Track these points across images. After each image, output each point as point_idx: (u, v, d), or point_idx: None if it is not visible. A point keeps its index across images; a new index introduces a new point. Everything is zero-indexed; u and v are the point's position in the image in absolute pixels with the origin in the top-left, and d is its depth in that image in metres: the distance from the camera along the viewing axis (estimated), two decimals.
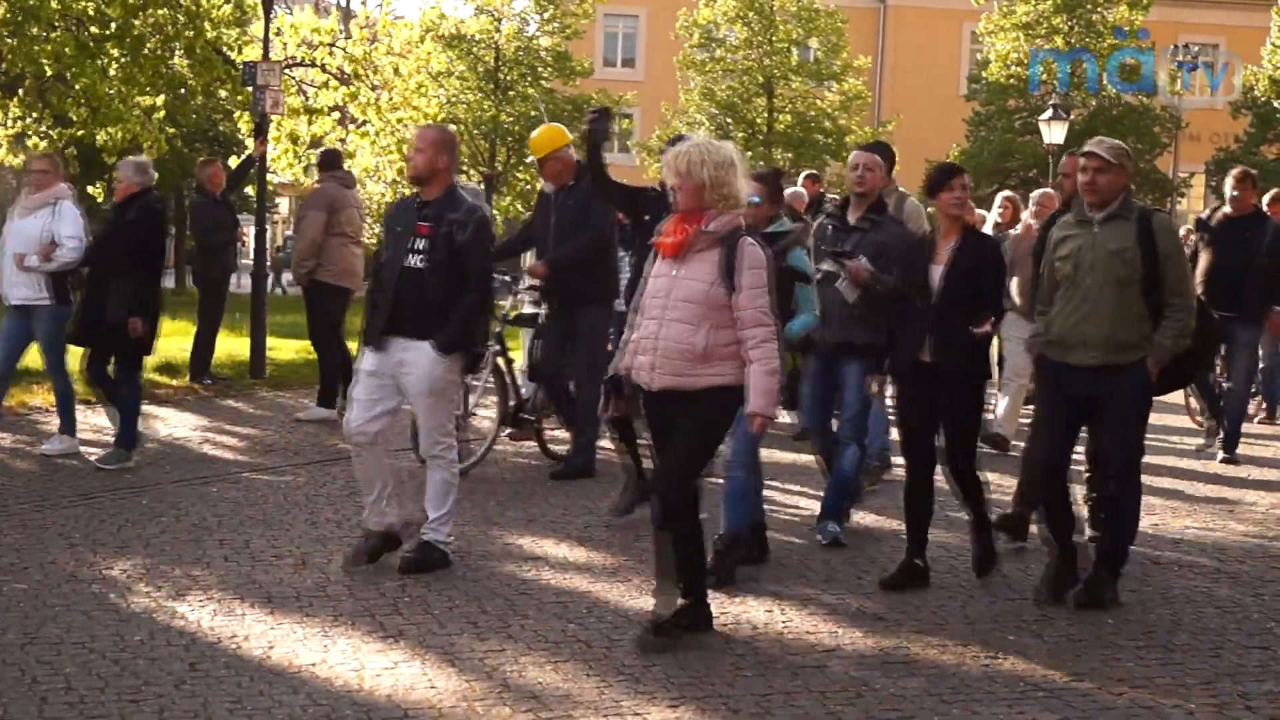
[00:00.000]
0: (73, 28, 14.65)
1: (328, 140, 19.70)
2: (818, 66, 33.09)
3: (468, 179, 29.01)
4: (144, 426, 9.50)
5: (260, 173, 14.89)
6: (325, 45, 18.48)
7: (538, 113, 25.06)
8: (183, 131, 20.40)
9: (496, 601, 6.04)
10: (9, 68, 15.03)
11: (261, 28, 15.94)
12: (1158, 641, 5.77)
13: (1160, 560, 7.15)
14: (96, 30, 14.90)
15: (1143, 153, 32.87)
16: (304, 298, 11.65)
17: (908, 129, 32.52)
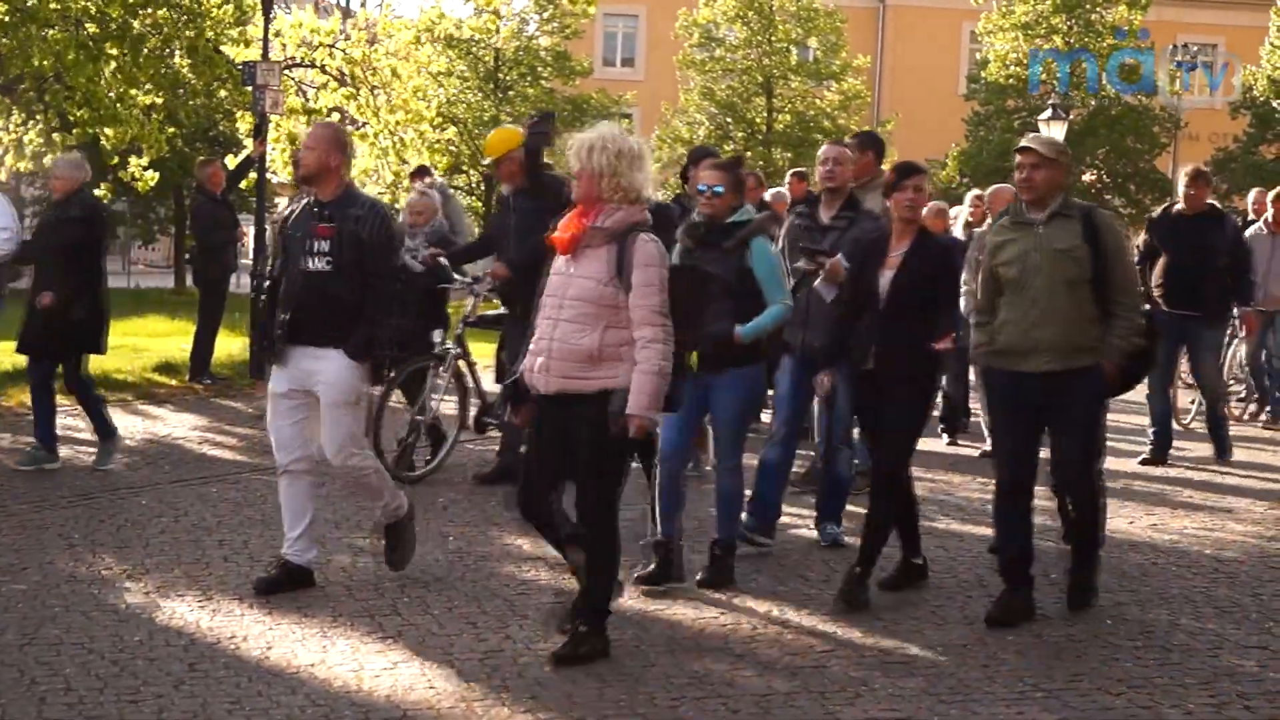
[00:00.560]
0: (71, 28, 14.62)
1: None
2: (817, 66, 33.04)
3: (467, 179, 29.10)
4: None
5: (260, 173, 14.89)
6: (325, 46, 18.46)
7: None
8: (183, 131, 20.33)
9: (496, 602, 6.05)
10: (8, 68, 15.00)
11: (258, 28, 15.95)
12: (1156, 642, 5.77)
13: (1159, 561, 7.15)
14: (96, 30, 14.88)
15: (1142, 153, 32.90)
16: None
17: (907, 129, 32.51)
